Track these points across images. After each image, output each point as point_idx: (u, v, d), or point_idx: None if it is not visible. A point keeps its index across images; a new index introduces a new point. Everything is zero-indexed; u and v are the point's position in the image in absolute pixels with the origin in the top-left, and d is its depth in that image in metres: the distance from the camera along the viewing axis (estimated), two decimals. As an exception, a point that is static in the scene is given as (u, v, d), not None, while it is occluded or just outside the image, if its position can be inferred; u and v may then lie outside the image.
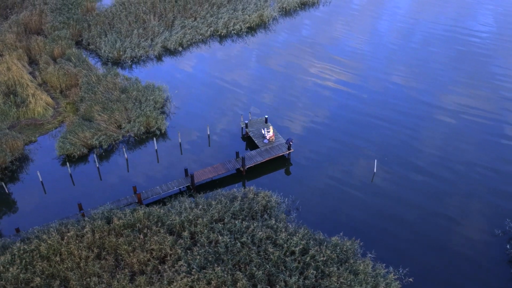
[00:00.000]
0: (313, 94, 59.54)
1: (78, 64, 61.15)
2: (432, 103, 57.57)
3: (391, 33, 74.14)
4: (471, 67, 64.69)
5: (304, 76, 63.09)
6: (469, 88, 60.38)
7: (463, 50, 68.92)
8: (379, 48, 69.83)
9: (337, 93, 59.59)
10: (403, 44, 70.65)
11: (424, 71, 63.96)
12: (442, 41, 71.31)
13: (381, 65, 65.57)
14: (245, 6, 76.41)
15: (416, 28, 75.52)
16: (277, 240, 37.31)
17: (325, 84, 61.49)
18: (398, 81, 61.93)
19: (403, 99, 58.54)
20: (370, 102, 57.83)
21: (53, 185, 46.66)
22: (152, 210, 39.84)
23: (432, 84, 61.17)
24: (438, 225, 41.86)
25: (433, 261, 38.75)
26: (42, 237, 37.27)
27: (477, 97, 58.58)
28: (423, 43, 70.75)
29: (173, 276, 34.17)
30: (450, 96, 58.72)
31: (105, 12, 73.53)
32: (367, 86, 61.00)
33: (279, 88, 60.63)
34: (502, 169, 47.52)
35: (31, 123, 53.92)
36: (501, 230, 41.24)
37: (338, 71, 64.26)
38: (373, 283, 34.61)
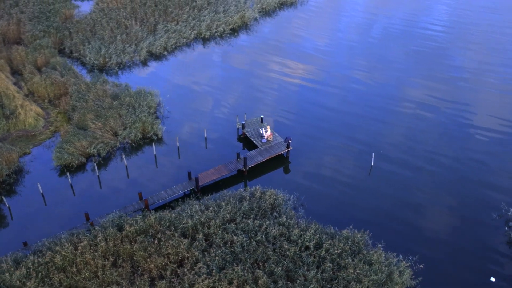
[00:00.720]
0: (278, 89, 61.21)
1: (64, 72, 60.26)
2: (394, 96, 59.57)
3: (351, 29, 76.11)
4: (428, 60, 67.23)
5: (275, 74, 64.30)
6: (428, 80, 62.75)
7: (420, 43, 71.60)
8: (341, 44, 71.66)
9: (305, 89, 60.97)
10: (362, 40, 72.73)
11: (384, 66, 65.99)
12: (400, 36, 73.87)
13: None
14: (226, 8, 76.85)
15: (374, 23, 77.77)
16: (290, 236, 38.08)
17: (293, 81, 62.74)
18: (360, 77, 63.75)
19: (366, 93, 60.33)
20: (335, 97, 59.60)
21: (54, 197, 45.98)
22: (163, 215, 39.92)
23: (393, 78, 63.24)
24: (438, 213, 43.52)
25: (439, 246, 40.32)
26: (55, 248, 36.85)
27: (436, 88, 60.91)
28: (382, 39, 72.89)
29: (194, 278, 34.45)
30: (411, 89, 60.94)
31: (85, 19, 72.58)
32: (330, 82, 62.74)
33: (249, 88, 61.52)
34: (472, 158, 49.79)
35: (23, 134, 52.88)
36: (498, 214, 43.25)
37: (306, 68, 65.70)
38: (387, 272, 35.82)
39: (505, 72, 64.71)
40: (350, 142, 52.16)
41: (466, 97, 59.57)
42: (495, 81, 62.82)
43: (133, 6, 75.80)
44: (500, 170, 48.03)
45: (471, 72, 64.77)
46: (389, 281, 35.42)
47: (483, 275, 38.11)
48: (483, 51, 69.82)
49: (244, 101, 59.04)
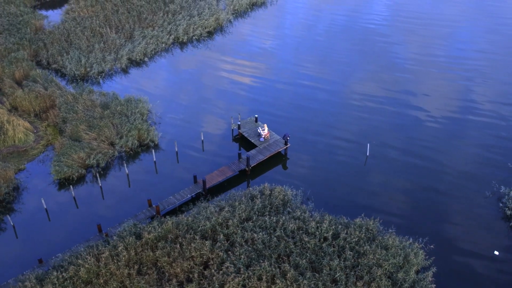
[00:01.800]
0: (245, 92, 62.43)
1: (47, 85, 58.95)
2: (343, 90, 61.70)
3: (297, 27, 78.20)
4: (373, 53, 70.12)
5: (225, 74, 65.70)
6: (374, 72, 65.43)
7: (364, 37, 74.41)
8: (288, 42, 73.44)
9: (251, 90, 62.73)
10: (307, 36, 74.97)
11: (330, 61, 68.28)
12: (344, 31, 76.58)
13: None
14: (200, 11, 77.15)
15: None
16: (308, 229, 39.34)
17: (236, 82, 64.35)
18: (309, 72, 65.71)
19: (315, 88, 62.17)
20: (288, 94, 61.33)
21: (58, 211, 45.18)
22: (180, 219, 40.24)
23: (340, 73, 65.47)
24: (436, 196, 45.95)
25: (443, 227, 42.73)
26: (77, 262, 36.47)
27: (382, 80, 63.65)
28: (327, 35, 75.33)
29: (223, 278, 35.07)
30: (359, 82, 63.24)
31: (58, 29, 71.01)
32: (281, 79, 64.43)
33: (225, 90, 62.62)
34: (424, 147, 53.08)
35: (13, 150, 51.47)
36: (491, 192, 46.22)
37: (255, 67, 67.25)
38: (403, 254, 37.73)
39: (447, 61, 68.00)
40: (331, 138, 54.03)
41: (414, 86, 62.24)
42: (439, 70, 65.96)
43: (106, 13, 74.75)
44: (482, 153, 51.20)
45: (415, 62, 67.58)
46: (406, 263, 37.33)
47: (487, 250, 40.78)
48: (424, 42, 73.00)
49: (229, 102, 59.72)
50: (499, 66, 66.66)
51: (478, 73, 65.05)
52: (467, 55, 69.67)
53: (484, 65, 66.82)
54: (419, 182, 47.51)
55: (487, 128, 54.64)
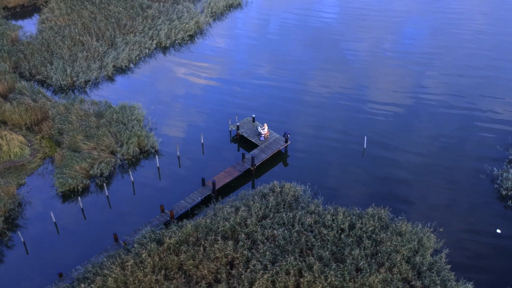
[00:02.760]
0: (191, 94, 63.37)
1: (34, 97, 57.70)
2: (298, 88, 63.15)
3: (251, 27, 79.38)
4: (326, 48, 72.06)
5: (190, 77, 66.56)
6: (328, 67, 67.33)
7: (315, 34, 76.30)
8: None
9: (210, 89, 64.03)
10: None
11: (285, 58, 69.68)
12: (296, 28, 78.12)
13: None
14: (179, 15, 77.09)
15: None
16: (324, 222, 40.57)
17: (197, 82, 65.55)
18: (263, 72, 66.91)
19: (272, 87, 63.48)
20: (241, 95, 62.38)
21: (66, 223, 44.57)
22: (198, 222, 40.59)
23: (295, 70, 67.05)
24: (434, 183, 48.13)
25: (447, 211, 44.98)
26: (102, 272, 36.28)
27: (337, 75, 65.69)
28: (279, 33, 76.63)
29: (252, 275, 35.77)
30: (314, 78, 64.92)
31: (37, 40, 69.39)
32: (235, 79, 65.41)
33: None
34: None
35: (10, 166, 50.21)
36: (484, 174, 48.88)
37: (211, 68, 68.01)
38: (417, 239, 39.53)
39: (396, 51, 70.98)
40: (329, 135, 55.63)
41: (366, 79, 64.61)
42: (390, 61, 68.56)
43: (84, 21, 73.54)
44: (471, 138, 54.00)
45: (367, 56, 70.02)
46: (421, 247, 39.16)
47: (489, 228, 43.25)
48: (374, 33, 75.79)
49: (217, 105, 60.25)
50: (451, 58, 69.00)
51: (431, 65, 67.28)
52: (417, 49, 71.79)
53: (438, 58, 69.02)
54: (415, 171, 49.51)
55: (466, 118, 57.36)
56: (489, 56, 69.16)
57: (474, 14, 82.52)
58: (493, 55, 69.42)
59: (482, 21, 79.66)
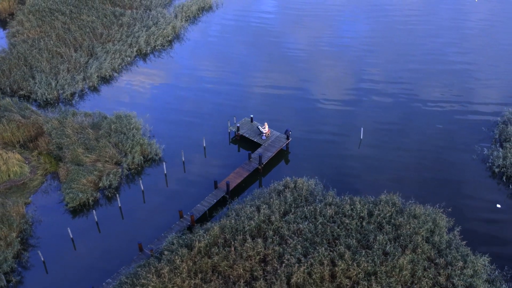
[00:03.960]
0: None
1: (23, 113, 56.01)
2: (243, 88, 64.56)
3: (190, 30, 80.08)
4: (267, 48, 74.06)
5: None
6: (270, 66, 69.35)
7: (256, 34, 78.13)
8: (183, 46, 75.06)
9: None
10: (203, 39, 77.22)
11: (227, 60, 70.94)
12: (237, 29, 79.77)
13: (188, 62, 70.97)
14: (154, 21, 76.63)
15: (211, 21, 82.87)
16: (344, 212, 42.24)
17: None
18: (207, 74, 67.94)
19: (218, 90, 64.47)
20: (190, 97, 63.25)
21: (82, 238, 43.92)
22: (223, 223, 41.18)
23: (239, 70, 68.51)
24: (429, 169, 50.85)
25: (446, 193, 47.79)
26: (140, 282, 36.25)
27: (279, 73, 67.84)
28: (220, 35, 78.04)
29: (288, 269, 36.88)
30: (256, 78, 66.70)
31: (12, 54, 66.98)
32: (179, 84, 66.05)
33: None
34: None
35: (11, 185, 48.67)
36: (475, 155, 52.24)
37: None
38: (431, 220, 41.95)
39: (335, 44, 74.09)
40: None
41: (311, 74, 67.05)
42: (329, 54, 71.54)
43: (57, 32, 71.64)
44: (451, 126, 57.48)
45: (307, 52, 72.48)
46: (436, 226, 41.59)
47: (489, 204, 46.49)
48: (312, 30, 78.51)
49: (209, 108, 60.91)
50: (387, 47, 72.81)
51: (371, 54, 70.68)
52: (353, 38, 75.19)
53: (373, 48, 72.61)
54: (410, 160, 52.04)
55: (446, 107, 61.05)
56: (438, 44, 72.93)
57: (405, 4, 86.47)
58: (445, 43, 73.30)
59: (415, 11, 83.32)
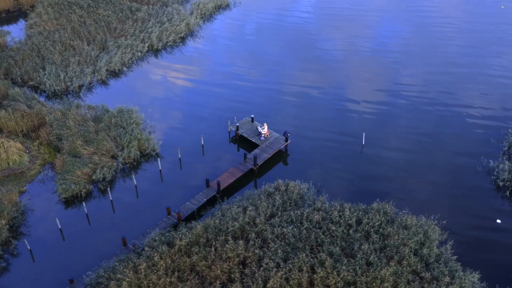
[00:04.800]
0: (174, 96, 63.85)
1: (29, 103, 57.05)
2: (276, 88, 63.97)
3: (226, 28, 79.96)
4: (302, 48, 73.00)
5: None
6: (306, 66, 68.26)
7: (292, 34, 77.29)
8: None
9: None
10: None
11: (262, 59, 70.33)
12: (272, 29, 79.02)
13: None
14: (169, 17, 76.96)
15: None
16: (332, 218, 41.17)
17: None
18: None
19: (250, 88, 64.11)
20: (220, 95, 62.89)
21: (71, 229, 44.22)
22: (207, 223, 40.77)
23: (273, 70, 67.76)
24: (433, 176, 49.25)
25: (448, 203, 46.07)
26: (115, 277, 36.22)
27: (315, 73, 66.67)
28: (257, 34, 77.53)
29: (265, 274, 36.15)
30: (293, 78, 65.65)
31: (26, 45, 68.48)
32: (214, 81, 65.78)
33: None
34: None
35: (10, 173, 49.58)
36: (481, 167, 50.15)
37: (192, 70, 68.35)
38: (422, 232, 40.42)
39: (372, 49, 72.29)
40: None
41: (344, 77, 65.64)
42: (365, 58, 69.94)
43: (73, 26, 72.87)
44: (465, 133, 55.34)
45: (342, 53, 71.22)
46: (427, 239, 40.04)
47: (489, 219, 44.46)
48: (350, 33, 76.96)
49: (213, 107, 60.55)
50: (431, 54, 70.73)
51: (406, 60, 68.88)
52: (392, 41, 73.37)
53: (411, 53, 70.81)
54: (413, 167, 50.50)
55: (457, 113, 58.82)
56: (469, 52, 70.84)
57: (448, 10, 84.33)
58: (473, 51, 71.14)
59: (457, 18, 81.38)
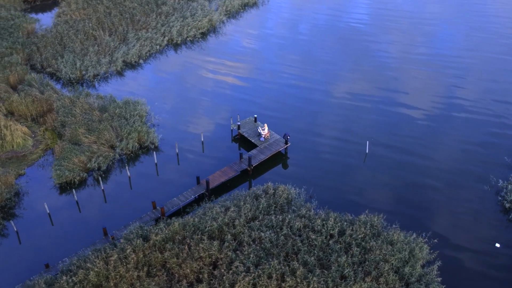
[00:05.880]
0: (217, 94, 62.54)
1: (42, 89, 58.56)
2: (327, 89, 62.13)
3: (278, 27, 78.57)
4: (356, 51, 70.61)
5: (213, 75, 66.04)
6: (358, 71, 65.90)
7: (345, 35, 75.10)
8: (271, 42, 73.63)
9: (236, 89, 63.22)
10: (291, 37, 75.24)
11: (314, 60, 68.57)
12: (326, 30, 77.04)
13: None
14: (193, 12, 77.17)
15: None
16: (314, 227, 39.75)
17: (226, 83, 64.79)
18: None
19: (302, 88, 62.59)
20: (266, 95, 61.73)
21: (60, 215, 44.97)
22: (186, 220, 40.35)
23: (326, 72, 65.85)
24: (436, 193, 46.69)
25: (445, 222, 43.51)
26: (85, 266, 36.40)
27: (367, 78, 64.28)
28: (310, 34, 75.71)
29: (233, 277, 35.29)
30: (344, 81, 63.69)
31: (51, 33, 70.50)
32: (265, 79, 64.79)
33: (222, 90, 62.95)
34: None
35: (12, 156, 51.03)
36: (489, 186, 47.10)
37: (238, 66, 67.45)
38: (408, 249, 38.31)
39: (431, 59, 68.71)
40: (312, 135, 54.59)
41: (397, 83, 63.03)
42: (420, 67, 66.71)
43: (98, 16, 74.37)
44: (478, 148, 52.15)
45: (397, 60, 68.41)
46: (412, 257, 37.93)
47: (488, 243, 41.61)
48: (406, 40, 73.83)
49: (226, 103, 59.95)
50: (483, 63, 67.45)
51: (463, 70, 65.76)
52: (451, 52, 70.33)
53: (469, 62, 67.55)
54: (417, 179, 48.18)
55: (480, 124, 55.57)
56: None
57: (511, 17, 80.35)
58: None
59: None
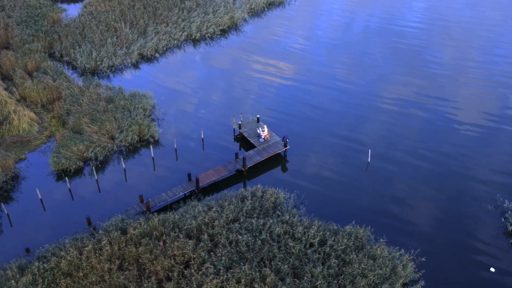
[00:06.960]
0: (267, 89, 61.69)
1: (56, 77, 59.80)
2: (374, 93, 60.10)
3: (330, 28, 76.96)
4: (408, 57, 68.11)
5: (262, 74, 64.93)
6: (408, 76, 63.54)
7: (399, 40, 72.57)
8: (322, 43, 72.29)
9: (293, 88, 61.60)
10: (342, 38, 73.56)
11: (363, 63, 66.60)
12: (378, 34, 74.69)
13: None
14: (215, 9, 76.96)
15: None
16: (294, 234, 38.48)
17: (280, 81, 63.31)
18: (343, 75, 64.39)
19: (347, 91, 60.86)
20: (322, 95, 60.20)
21: (53, 202, 45.67)
22: (166, 217, 40.00)
23: (373, 75, 63.85)
24: (435, 207, 44.32)
25: (439, 240, 41.13)
26: (59, 254, 36.68)
27: (416, 84, 61.70)
28: (361, 37, 73.65)
29: (202, 279, 34.61)
30: (393, 86, 61.52)
31: (74, 23, 72.04)
32: (315, 80, 63.24)
33: (240, 88, 61.93)
34: (454, 152, 50.92)
35: (17, 140, 52.33)
36: (493, 205, 44.24)
37: (286, 67, 66.24)
38: (391, 266, 36.43)
39: (483, 68, 65.69)
40: (343, 140, 52.77)
41: (447, 92, 60.50)
42: (474, 76, 63.80)
43: (122, 8, 75.40)
44: (489, 163, 49.09)
45: (450, 68, 65.69)
46: (393, 274, 36.05)
47: (482, 266, 39.01)
48: (461, 47, 70.85)
49: (236, 102, 59.30)
50: None
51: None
52: (507, 61, 66.92)
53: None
54: (419, 193, 45.91)
55: (487, 136, 52.49)
56: None
57: None
58: None
59: None
